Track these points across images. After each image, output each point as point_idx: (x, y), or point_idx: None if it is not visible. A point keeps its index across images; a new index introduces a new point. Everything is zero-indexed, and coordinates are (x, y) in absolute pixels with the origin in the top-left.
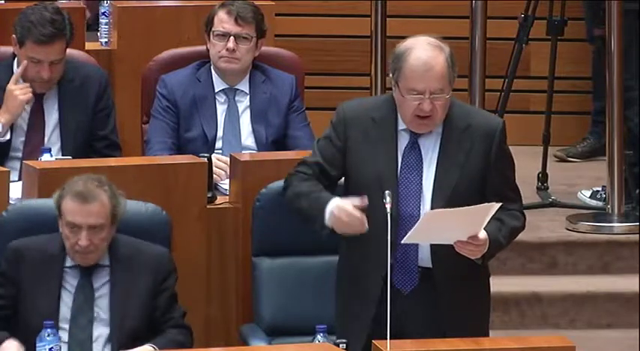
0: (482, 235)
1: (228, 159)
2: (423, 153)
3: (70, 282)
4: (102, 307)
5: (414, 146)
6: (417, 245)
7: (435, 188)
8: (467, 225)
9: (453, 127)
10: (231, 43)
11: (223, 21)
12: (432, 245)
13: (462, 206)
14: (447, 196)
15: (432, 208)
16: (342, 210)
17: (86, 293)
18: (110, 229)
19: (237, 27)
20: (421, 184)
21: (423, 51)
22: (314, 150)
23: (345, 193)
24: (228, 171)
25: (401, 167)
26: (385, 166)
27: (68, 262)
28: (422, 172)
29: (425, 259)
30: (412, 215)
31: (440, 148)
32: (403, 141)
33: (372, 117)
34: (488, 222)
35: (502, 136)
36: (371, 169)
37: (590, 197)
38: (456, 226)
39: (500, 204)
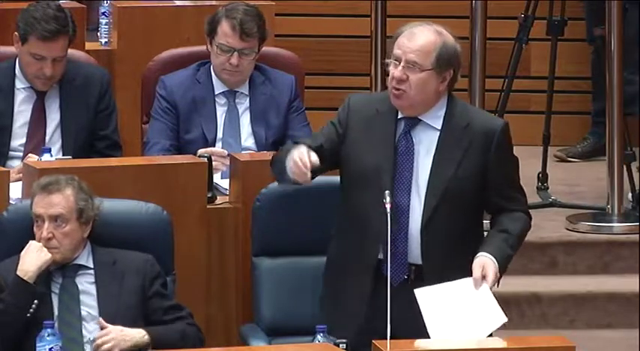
0: (491, 276)
1: (224, 151)
2: (420, 146)
3: (56, 286)
4: (90, 306)
5: (406, 135)
6: (406, 241)
7: (429, 182)
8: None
9: (453, 123)
10: (234, 59)
11: (228, 35)
12: (422, 241)
13: (457, 201)
14: (441, 192)
15: (425, 202)
16: (297, 151)
17: (71, 292)
18: (76, 225)
19: (241, 43)
20: (412, 174)
21: (418, 27)
22: (317, 132)
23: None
24: (227, 160)
25: (395, 156)
26: (382, 155)
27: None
28: (413, 162)
29: (415, 255)
30: (402, 205)
31: (438, 143)
32: (399, 131)
33: (376, 108)
34: (494, 239)
35: (503, 137)
36: (369, 158)
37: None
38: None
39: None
